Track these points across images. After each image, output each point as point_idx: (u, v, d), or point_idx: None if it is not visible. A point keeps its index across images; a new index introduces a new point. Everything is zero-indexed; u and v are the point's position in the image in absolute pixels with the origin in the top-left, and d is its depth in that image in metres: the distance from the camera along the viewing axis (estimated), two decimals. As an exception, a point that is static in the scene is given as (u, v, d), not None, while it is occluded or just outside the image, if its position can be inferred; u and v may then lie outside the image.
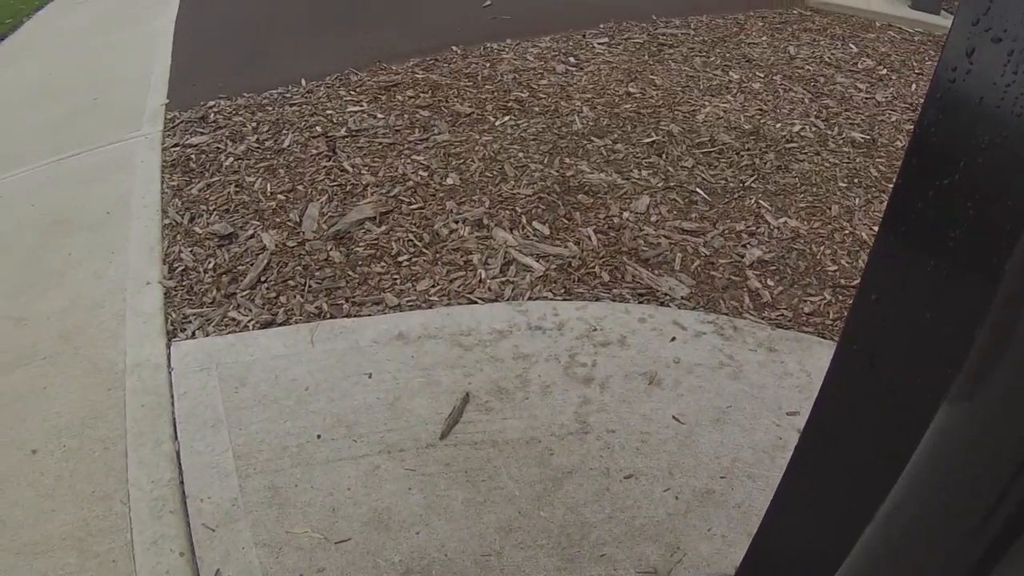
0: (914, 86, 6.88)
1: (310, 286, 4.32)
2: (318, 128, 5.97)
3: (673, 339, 3.95)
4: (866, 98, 6.63)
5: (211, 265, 4.54)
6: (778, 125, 6.05)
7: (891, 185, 1.06)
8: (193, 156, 5.75)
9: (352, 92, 6.57)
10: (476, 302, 4.20)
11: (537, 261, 4.45)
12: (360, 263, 4.49)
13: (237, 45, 8.19)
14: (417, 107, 6.23)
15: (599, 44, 7.59)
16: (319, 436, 3.43)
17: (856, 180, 5.39)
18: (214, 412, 3.57)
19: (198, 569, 2.92)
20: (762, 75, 6.97)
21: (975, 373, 0.83)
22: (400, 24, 8.31)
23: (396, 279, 4.36)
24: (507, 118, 6.04)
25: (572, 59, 7.20)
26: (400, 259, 4.51)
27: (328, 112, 6.22)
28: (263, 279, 4.40)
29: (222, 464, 3.32)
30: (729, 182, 5.28)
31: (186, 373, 3.80)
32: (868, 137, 5.95)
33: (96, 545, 3.02)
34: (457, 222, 4.80)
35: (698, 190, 5.17)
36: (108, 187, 5.53)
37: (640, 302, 4.21)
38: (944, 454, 0.91)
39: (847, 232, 4.83)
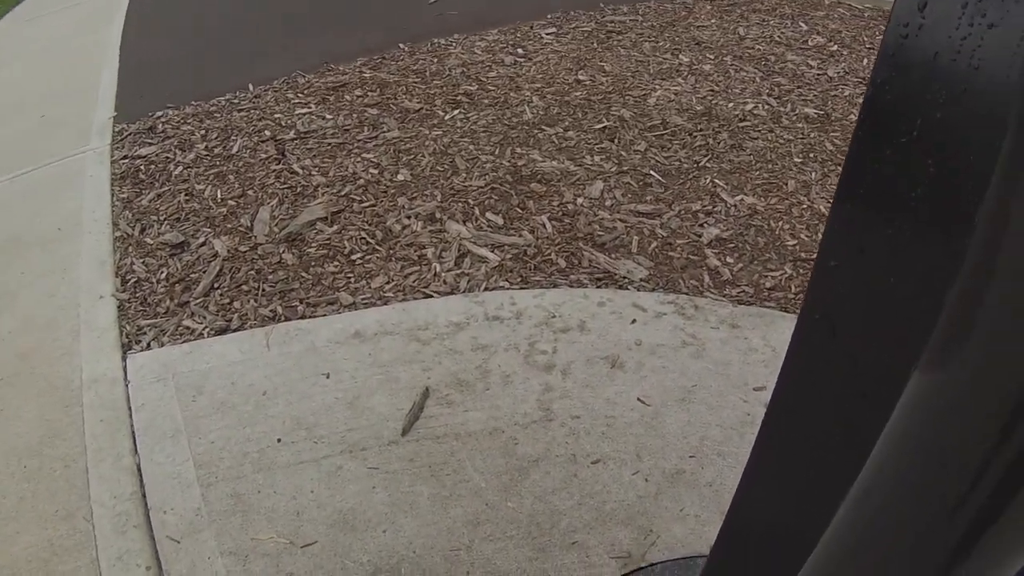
0: (866, 60, 6.88)
1: (264, 290, 4.26)
2: (267, 132, 5.91)
3: (634, 321, 3.91)
4: (818, 74, 6.62)
5: (164, 275, 4.47)
6: (730, 105, 6.03)
7: (847, 157, 1.03)
8: (142, 167, 5.68)
9: (300, 94, 6.51)
10: (432, 296, 4.15)
11: (492, 251, 4.41)
12: (313, 264, 4.43)
13: (184, 54, 8.12)
14: (366, 106, 6.17)
15: (547, 34, 7.55)
16: (279, 440, 3.37)
17: (811, 155, 5.38)
18: (173, 422, 3.51)
19: (165, 583, 2.86)
20: (712, 56, 6.95)
21: (940, 350, 0.79)
22: (346, 25, 8.25)
23: (350, 278, 4.31)
24: (456, 112, 6.00)
25: (520, 50, 7.17)
26: (353, 257, 4.46)
27: (276, 116, 6.16)
28: (216, 286, 4.34)
29: (183, 474, 3.26)
30: (683, 163, 5.25)
31: (142, 385, 3.74)
32: (822, 112, 5.94)
33: (62, 565, 2.96)
34: (409, 217, 4.74)
35: (652, 172, 5.14)
36: (59, 204, 5.46)
37: (598, 286, 4.17)
38: (912, 433, 0.87)
39: (805, 206, 4.81)
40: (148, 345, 3.99)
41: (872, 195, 1.07)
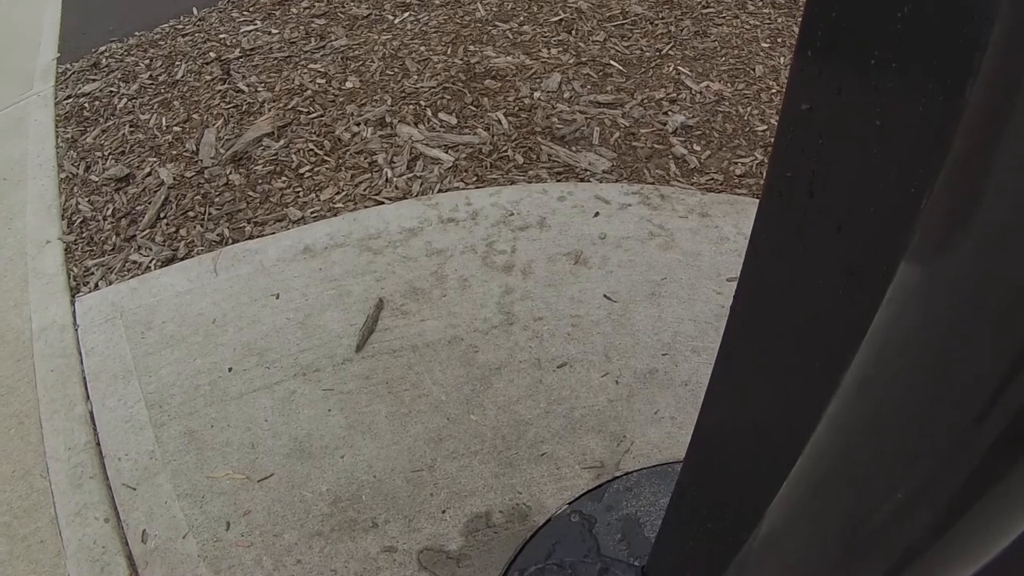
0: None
1: (210, 214, 4.08)
2: (212, 54, 5.69)
3: (596, 214, 3.74)
4: (785, -42, 6.41)
5: (110, 211, 4.30)
6: (693, -9, 5.83)
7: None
8: (86, 105, 5.49)
9: (245, 12, 6.28)
10: (384, 202, 3.99)
11: (445, 152, 4.25)
12: (260, 182, 4.26)
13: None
14: (312, 16, 5.96)
15: (500, -69, 7.30)
16: (230, 369, 3.24)
17: (779, 40, 5.24)
18: (123, 363, 3.36)
19: (124, 534, 2.75)
20: (673, -57, 6.72)
21: (939, 233, 0.61)
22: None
23: (299, 192, 4.15)
24: (406, 15, 5.79)
25: (473, -52, 6.92)
26: (302, 171, 4.29)
27: (221, 36, 5.94)
28: (162, 215, 4.17)
29: (136, 417, 3.13)
30: (644, 52, 5.09)
31: (91, 328, 3.58)
32: (790, -3, 5.75)
33: (22, 528, 2.85)
34: (359, 124, 4.57)
35: (612, 62, 4.97)
36: (3, 153, 5.28)
37: (558, 180, 4.01)
38: (911, 326, 0.71)
39: (774, 91, 4.70)
40: (96, 285, 3.84)
41: (849, 18, 0.89)
